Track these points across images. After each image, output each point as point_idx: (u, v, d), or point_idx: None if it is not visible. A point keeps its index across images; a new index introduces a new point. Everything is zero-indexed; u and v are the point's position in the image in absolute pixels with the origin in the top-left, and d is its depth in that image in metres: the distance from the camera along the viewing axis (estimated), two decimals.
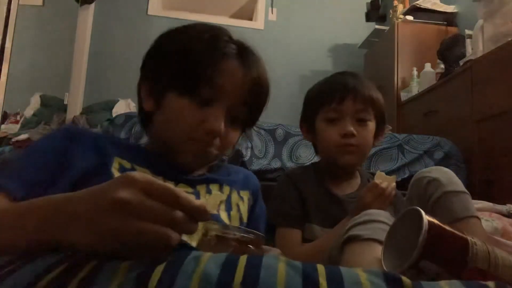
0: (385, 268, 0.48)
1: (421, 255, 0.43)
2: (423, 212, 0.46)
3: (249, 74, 0.70)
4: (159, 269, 0.35)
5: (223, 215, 0.73)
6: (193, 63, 0.68)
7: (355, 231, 0.60)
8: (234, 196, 0.78)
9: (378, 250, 0.57)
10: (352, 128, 0.96)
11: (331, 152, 1.00)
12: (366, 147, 1.00)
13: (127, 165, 0.67)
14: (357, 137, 0.97)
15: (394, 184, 0.87)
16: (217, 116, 0.67)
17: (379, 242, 0.57)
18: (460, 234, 0.47)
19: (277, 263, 0.36)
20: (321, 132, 1.02)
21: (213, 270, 0.34)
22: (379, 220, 0.62)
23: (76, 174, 0.62)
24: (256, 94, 0.72)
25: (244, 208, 0.79)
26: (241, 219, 0.77)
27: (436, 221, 0.46)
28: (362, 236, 0.59)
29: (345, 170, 1.03)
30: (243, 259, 0.36)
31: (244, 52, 0.72)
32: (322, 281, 0.34)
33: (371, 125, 1.00)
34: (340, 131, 0.97)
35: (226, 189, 0.78)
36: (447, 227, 0.46)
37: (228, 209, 0.75)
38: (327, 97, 0.99)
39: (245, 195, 0.82)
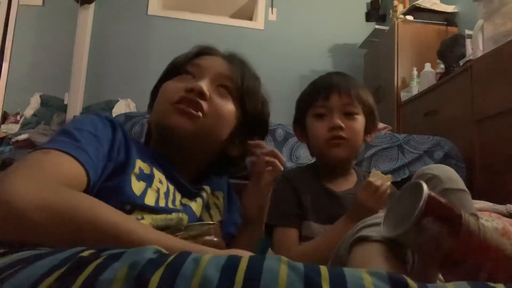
0: (386, 233, 0.53)
1: (424, 212, 0.48)
2: (423, 183, 0.52)
3: (233, 64, 0.78)
4: (159, 272, 0.34)
5: (205, 216, 0.76)
6: (179, 59, 0.79)
7: (365, 232, 0.60)
8: (211, 197, 0.82)
9: (386, 251, 0.57)
10: (339, 121, 0.98)
11: (321, 147, 1.02)
12: (355, 140, 1.01)
13: (147, 169, 0.67)
14: (346, 129, 0.99)
15: (389, 183, 0.88)
16: (198, 81, 0.72)
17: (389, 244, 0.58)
18: (454, 205, 0.53)
19: (279, 266, 0.35)
20: (310, 128, 1.04)
21: (213, 273, 0.34)
22: None
23: (111, 169, 0.62)
24: (241, 75, 0.77)
25: (220, 203, 0.84)
26: (220, 213, 0.82)
27: (433, 193, 0.52)
28: (373, 237, 0.58)
29: (337, 165, 1.04)
30: (244, 262, 0.36)
31: (231, 54, 0.82)
32: (325, 285, 0.33)
33: (360, 118, 1.02)
34: (328, 125, 0.99)
35: (209, 189, 0.81)
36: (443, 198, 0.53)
37: (207, 209, 0.78)
38: (314, 95, 1.03)
39: (220, 194, 0.86)
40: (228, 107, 0.75)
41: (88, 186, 0.56)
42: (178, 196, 0.71)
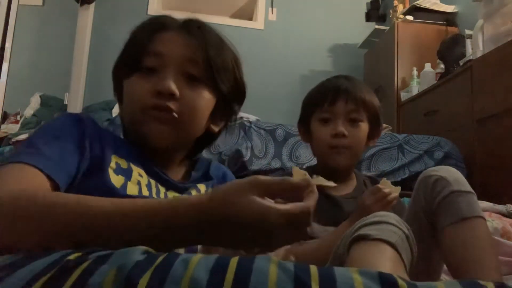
0: None
1: None
2: None
3: (193, 38, 0.70)
4: (147, 274, 0.34)
5: None
6: (134, 43, 0.71)
7: (364, 231, 0.60)
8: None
9: (386, 250, 0.57)
10: (342, 128, 0.98)
11: (323, 153, 1.02)
12: (357, 147, 1.02)
13: (124, 164, 0.65)
14: (349, 137, 0.99)
15: (397, 194, 0.88)
16: (164, 77, 0.66)
17: (388, 243, 0.57)
18: None
19: (269, 266, 0.35)
20: (314, 132, 1.05)
21: (202, 275, 0.34)
22: (389, 222, 0.62)
23: (86, 165, 0.60)
24: (207, 54, 0.70)
25: None
26: None
27: None
28: (371, 236, 0.58)
29: (338, 171, 1.04)
30: (233, 262, 0.35)
31: (187, 23, 0.74)
32: (315, 285, 0.33)
33: (364, 125, 1.02)
34: (332, 131, 0.99)
35: (204, 188, 0.78)
36: None
37: None
38: (321, 98, 1.03)
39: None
40: (202, 97, 0.70)
41: (57, 189, 0.54)
42: (162, 189, 0.69)
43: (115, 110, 2.93)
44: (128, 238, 0.43)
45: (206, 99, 0.70)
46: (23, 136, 2.53)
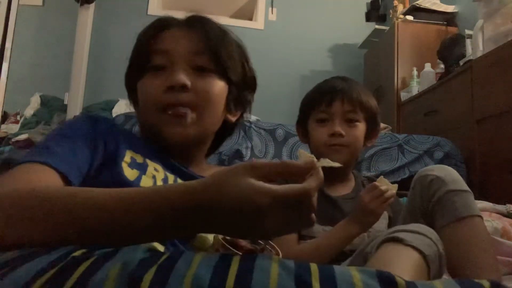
0: None
1: None
2: None
3: (195, 31, 0.72)
4: (151, 271, 0.34)
5: None
6: (141, 45, 0.74)
7: (401, 235, 0.61)
8: None
9: (415, 258, 0.58)
10: (339, 128, 1.00)
11: (321, 152, 1.03)
12: (355, 147, 1.03)
13: (140, 159, 0.65)
14: (346, 136, 1.00)
15: (394, 191, 0.88)
16: (173, 72, 0.68)
17: (420, 252, 0.58)
18: None
19: (270, 265, 0.35)
20: (312, 132, 1.06)
21: (205, 273, 0.34)
22: (428, 236, 0.63)
23: (100, 160, 0.61)
24: (210, 44, 0.71)
25: None
26: None
27: None
28: (407, 241, 0.59)
29: (336, 169, 1.04)
30: (236, 261, 0.36)
31: (189, 19, 0.77)
32: (315, 283, 0.34)
33: (361, 126, 1.03)
34: (329, 131, 1.01)
35: None
36: None
37: None
38: (318, 99, 1.04)
39: None
40: (213, 85, 0.71)
41: (69, 185, 0.54)
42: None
43: (115, 110, 2.93)
44: (120, 229, 0.41)
45: (218, 87, 0.72)
46: (23, 136, 2.53)
